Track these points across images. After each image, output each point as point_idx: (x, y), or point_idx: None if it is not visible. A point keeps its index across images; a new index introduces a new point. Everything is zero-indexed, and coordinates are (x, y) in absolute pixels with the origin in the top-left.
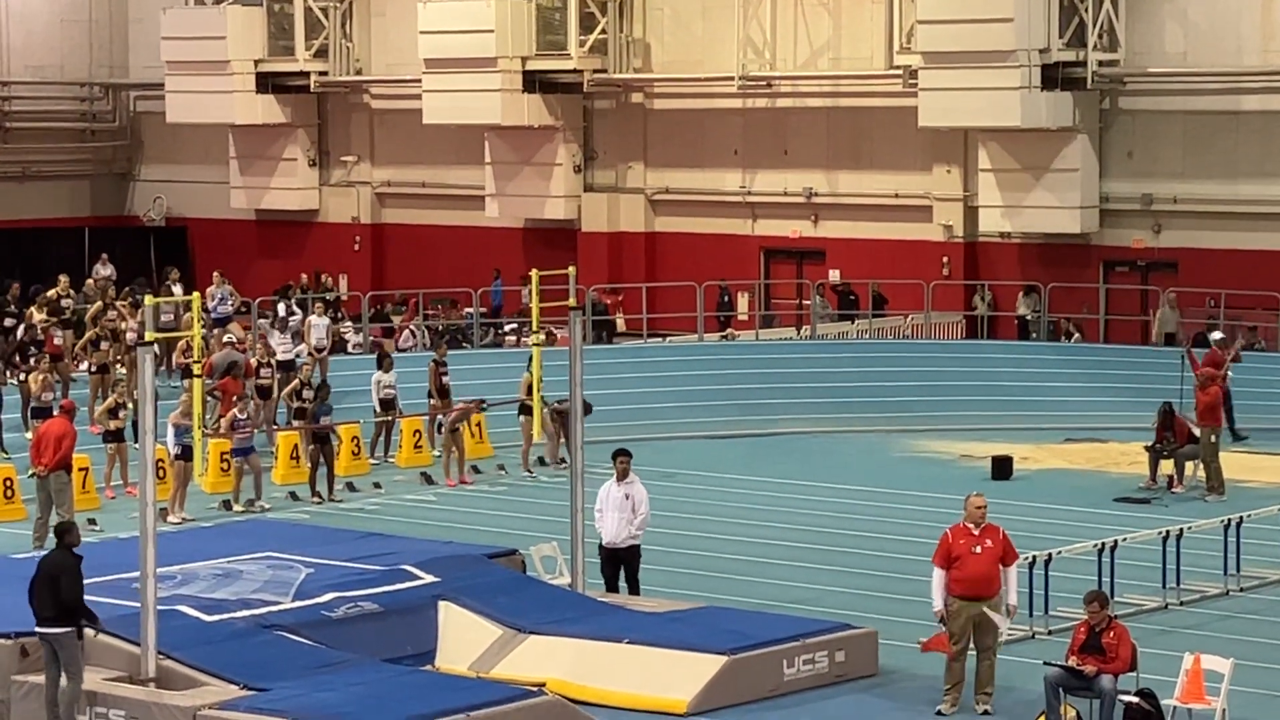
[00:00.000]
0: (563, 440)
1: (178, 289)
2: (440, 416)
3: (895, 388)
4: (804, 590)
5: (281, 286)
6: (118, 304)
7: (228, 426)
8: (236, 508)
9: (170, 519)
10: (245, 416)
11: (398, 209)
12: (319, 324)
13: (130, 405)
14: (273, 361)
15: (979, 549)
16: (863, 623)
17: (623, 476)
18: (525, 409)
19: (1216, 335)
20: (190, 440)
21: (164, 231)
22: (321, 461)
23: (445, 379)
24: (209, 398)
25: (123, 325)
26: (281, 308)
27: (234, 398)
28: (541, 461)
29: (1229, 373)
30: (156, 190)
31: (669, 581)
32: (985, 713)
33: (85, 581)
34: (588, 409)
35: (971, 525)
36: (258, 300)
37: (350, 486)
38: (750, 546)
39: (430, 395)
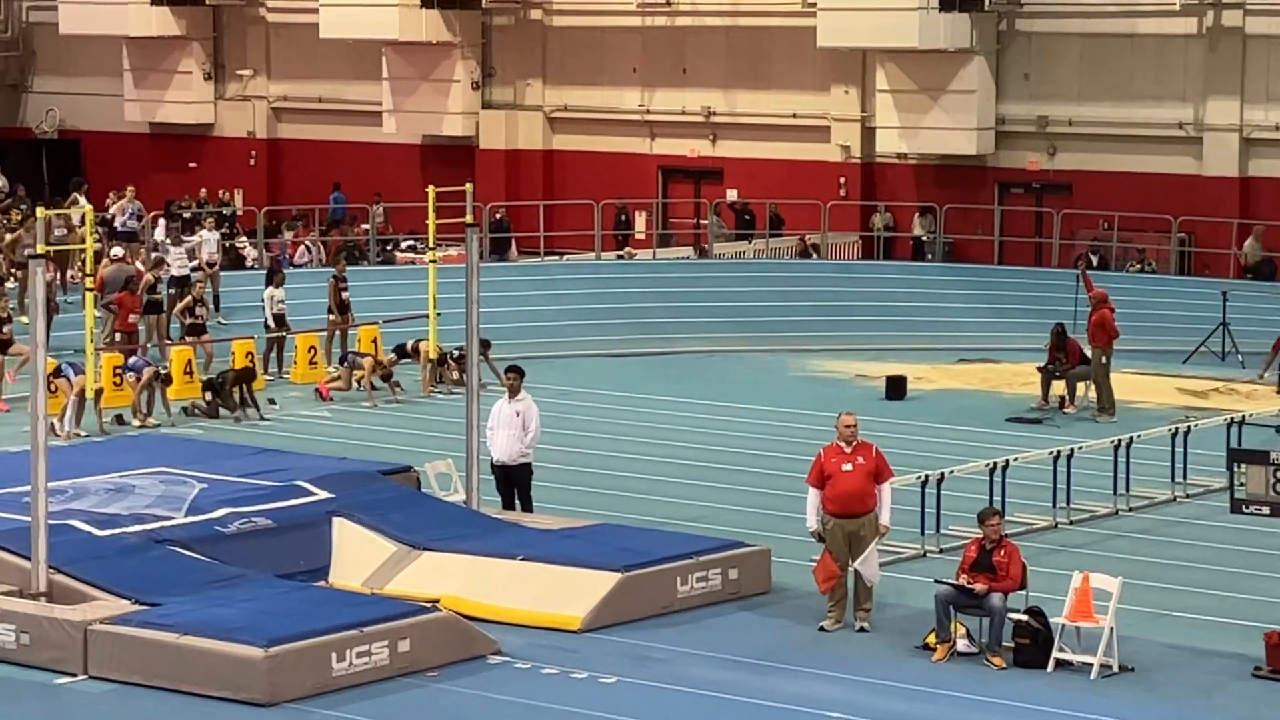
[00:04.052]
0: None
1: (84, 200)
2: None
3: (791, 308)
4: (698, 508)
5: (166, 203)
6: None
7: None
8: (134, 421)
9: (60, 432)
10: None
11: (294, 124)
12: (209, 239)
13: (12, 317)
14: (164, 277)
15: (849, 466)
16: (756, 541)
17: (514, 394)
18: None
19: None
20: (82, 355)
21: (56, 144)
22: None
23: (345, 295)
24: (105, 311)
25: (24, 236)
26: (160, 227)
27: (129, 313)
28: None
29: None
30: (49, 102)
31: (564, 499)
32: (862, 629)
33: None
34: (486, 345)
35: (843, 444)
36: (151, 214)
37: (245, 402)
38: (645, 465)
39: (330, 311)
